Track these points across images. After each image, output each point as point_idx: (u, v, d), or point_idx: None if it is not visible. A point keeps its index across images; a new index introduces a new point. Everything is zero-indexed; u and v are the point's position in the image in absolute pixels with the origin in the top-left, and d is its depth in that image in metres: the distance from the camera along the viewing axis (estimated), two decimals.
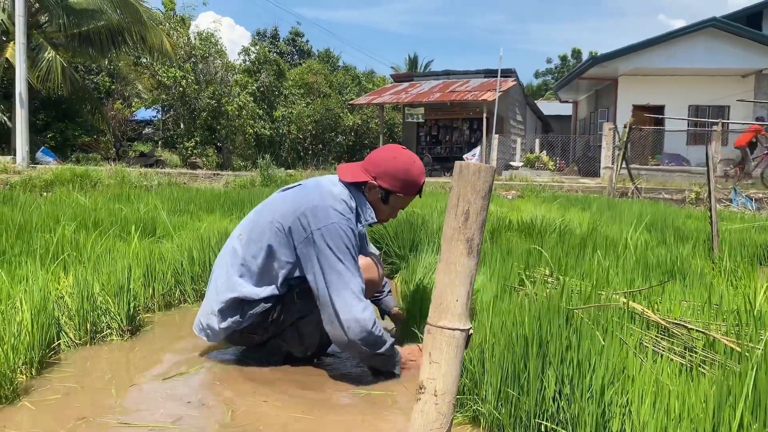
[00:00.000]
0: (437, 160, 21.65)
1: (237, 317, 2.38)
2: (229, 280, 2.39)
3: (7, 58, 16.03)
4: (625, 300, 2.11)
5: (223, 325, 2.40)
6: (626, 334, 1.88)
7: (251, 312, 2.38)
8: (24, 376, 2.20)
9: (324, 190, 2.39)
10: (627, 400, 1.59)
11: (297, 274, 2.37)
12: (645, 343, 1.89)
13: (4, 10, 16.48)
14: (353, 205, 2.40)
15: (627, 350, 1.75)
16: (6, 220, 4.11)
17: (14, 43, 14.60)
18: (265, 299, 2.38)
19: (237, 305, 2.38)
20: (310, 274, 2.28)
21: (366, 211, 2.46)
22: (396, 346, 2.38)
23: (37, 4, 17.20)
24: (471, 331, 1.34)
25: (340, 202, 2.35)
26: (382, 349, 2.26)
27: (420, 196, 2.59)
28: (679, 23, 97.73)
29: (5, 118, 18.40)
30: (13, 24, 14.62)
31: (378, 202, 2.49)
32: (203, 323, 2.47)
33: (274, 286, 2.38)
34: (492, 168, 1.32)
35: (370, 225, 2.50)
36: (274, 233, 2.34)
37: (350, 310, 2.18)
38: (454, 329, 1.31)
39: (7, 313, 2.23)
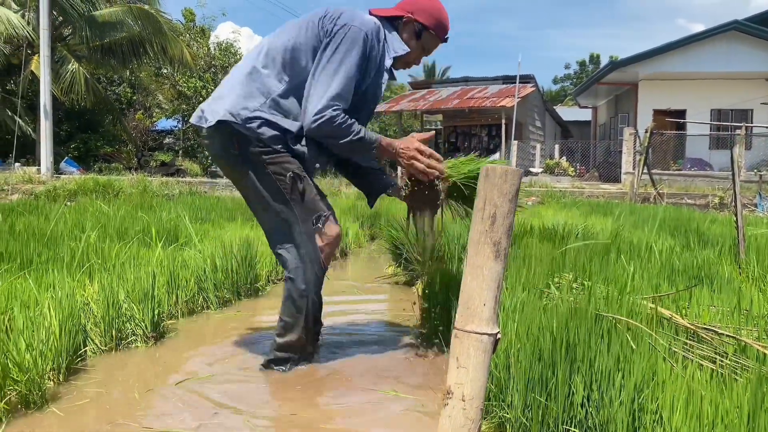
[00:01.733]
0: None
1: (245, 109, 2.36)
2: (250, 66, 2.44)
3: (32, 71, 16.34)
4: (652, 305, 2.08)
5: (227, 106, 2.37)
6: (655, 339, 1.85)
7: (259, 117, 2.36)
8: (52, 382, 2.23)
9: (357, 11, 2.48)
10: (658, 406, 1.56)
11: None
12: (674, 349, 1.86)
13: (29, 23, 16.81)
14: (382, 35, 2.49)
15: (657, 355, 1.72)
16: (33, 228, 4.17)
17: (39, 55, 14.87)
18: (277, 111, 2.38)
19: (251, 95, 2.39)
20: (316, 60, 2.36)
21: (395, 43, 2.54)
22: (381, 136, 2.46)
23: (61, 18, 17.53)
24: (499, 336, 1.33)
25: (369, 20, 2.44)
26: (342, 142, 2.35)
27: (446, 41, 2.69)
28: (698, 27, 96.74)
29: (30, 130, 18.73)
30: (38, 37, 14.89)
31: (411, 39, 2.58)
32: (203, 108, 2.48)
33: (289, 84, 2.39)
34: (519, 171, 1.31)
35: (398, 58, 2.54)
36: (305, 25, 2.42)
37: (315, 101, 2.30)
38: (482, 334, 1.30)
39: (35, 319, 2.25)
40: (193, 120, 2.53)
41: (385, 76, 2.53)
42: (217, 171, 19.85)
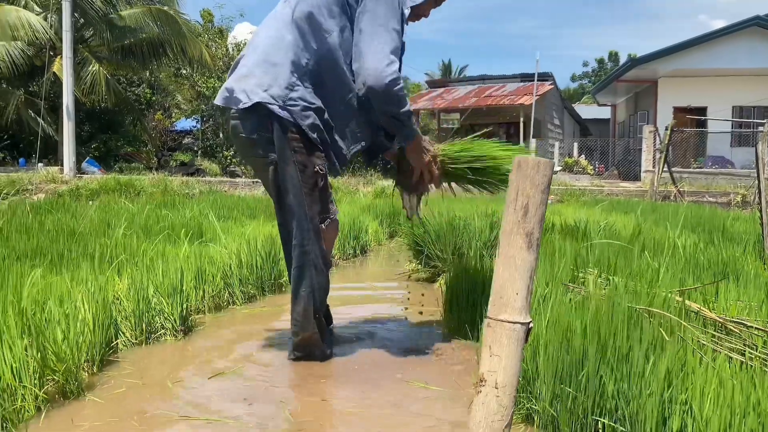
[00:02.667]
0: None
1: (287, 88, 2.35)
2: (276, 38, 2.41)
3: (54, 72, 16.59)
4: (679, 298, 2.09)
5: (265, 86, 2.35)
6: (683, 331, 1.85)
7: (300, 98, 2.35)
8: (87, 373, 2.28)
9: None
10: (687, 397, 1.57)
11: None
12: (702, 341, 1.87)
13: (51, 26, 17.05)
14: None
15: (685, 347, 1.73)
16: (61, 225, 4.25)
17: (61, 57, 15.09)
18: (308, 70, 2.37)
19: (287, 69, 2.36)
20: (357, 29, 2.34)
21: None
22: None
23: (82, 20, 17.76)
24: (531, 325, 1.35)
25: None
26: (401, 110, 2.32)
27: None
28: (719, 23, 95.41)
29: (52, 130, 19.01)
30: (60, 40, 15.11)
31: None
32: (231, 87, 2.44)
33: (317, 49, 2.38)
34: (551, 162, 1.33)
35: (412, 8, 2.51)
36: None
37: (376, 59, 2.24)
38: (514, 323, 1.32)
39: (70, 311, 2.31)
40: (218, 101, 2.49)
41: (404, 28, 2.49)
42: (235, 171, 19.98)
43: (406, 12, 2.46)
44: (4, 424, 1.83)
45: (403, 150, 2.62)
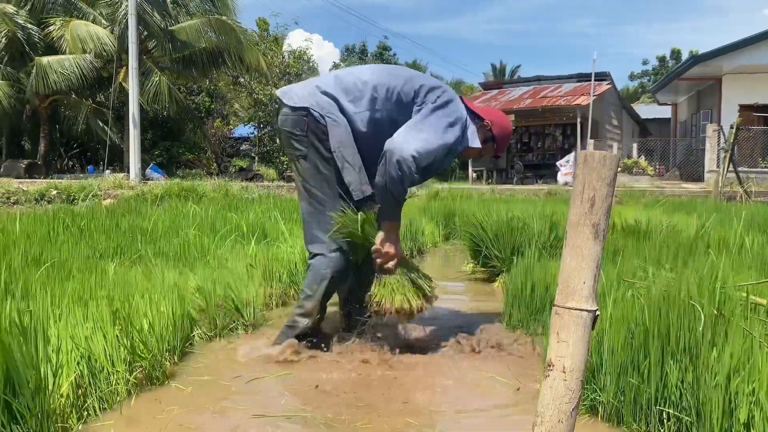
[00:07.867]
0: (529, 167, 21.34)
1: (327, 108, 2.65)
2: (352, 82, 2.71)
3: (120, 83, 17.35)
4: (744, 294, 2.08)
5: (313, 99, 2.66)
6: (750, 324, 1.86)
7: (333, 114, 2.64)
8: (168, 363, 2.43)
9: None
10: (754, 388, 1.58)
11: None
12: None
13: (117, 38, 17.83)
14: (467, 127, 2.74)
15: (752, 340, 1.74)
16: (136, 227, 4.49)
17: (126, 68, 15.77)
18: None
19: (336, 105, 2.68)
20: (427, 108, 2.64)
21: (471, 135, 2.76)
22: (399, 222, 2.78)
23: (146, 32, 18.50)
24: (598, 313, 1.40)
25: (462, 114, 2.73)
26: (393, 190, 2.55)
27: (498, 158, 3.05)
28: None
29: (118, 139, 19.86)
30: (126, 51, 15.78)
31: (479, 140, 2.82)
32: (293, 88, 2.80)
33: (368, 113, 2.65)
34: (617, 156, 1.38)
35: (464, 148, 2.76)
36: (406, 89, 2.67)
37: (414, 144, 2.50)
38: (581, 310, 1.37)
39: (153, 305, 2.46)
40: (278, 92, 2.83)
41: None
42: (293, 176, 20.38)
43: (459, 148, 2.74)
44: (101, 405, 1.99)
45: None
